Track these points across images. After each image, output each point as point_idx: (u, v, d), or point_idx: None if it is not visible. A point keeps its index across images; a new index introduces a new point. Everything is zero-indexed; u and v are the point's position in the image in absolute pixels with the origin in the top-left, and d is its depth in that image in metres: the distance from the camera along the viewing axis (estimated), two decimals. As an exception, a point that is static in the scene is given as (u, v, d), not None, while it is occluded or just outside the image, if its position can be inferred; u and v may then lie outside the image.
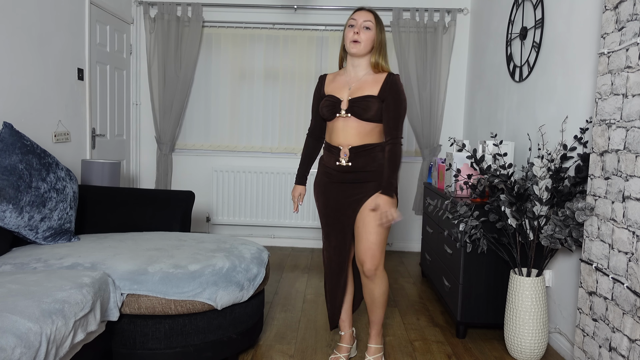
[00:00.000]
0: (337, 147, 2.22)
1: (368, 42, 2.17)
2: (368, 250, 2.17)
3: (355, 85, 2.20)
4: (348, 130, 2.18)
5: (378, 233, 2.17)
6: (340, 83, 2.25)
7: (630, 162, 1.76)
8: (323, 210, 2.32)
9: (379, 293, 2.26)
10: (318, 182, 2.34)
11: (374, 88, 2.17)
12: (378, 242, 2.17)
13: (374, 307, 2.30)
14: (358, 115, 2.15)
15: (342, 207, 2.23)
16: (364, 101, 2.15)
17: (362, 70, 2.23)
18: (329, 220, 2.30)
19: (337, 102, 2.20)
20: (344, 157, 2.19)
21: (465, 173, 2.99)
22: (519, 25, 3.28)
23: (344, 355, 2.40)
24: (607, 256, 1.89)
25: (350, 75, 2.25)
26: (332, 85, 2.28)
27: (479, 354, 2.56)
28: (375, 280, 2.22)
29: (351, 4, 4.48)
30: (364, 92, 2.17)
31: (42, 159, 2.41)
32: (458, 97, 4.59)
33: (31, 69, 3.03)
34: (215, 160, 4.70)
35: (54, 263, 2.12)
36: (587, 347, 2.01)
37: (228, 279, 2.17)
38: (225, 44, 4.59)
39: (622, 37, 1.83)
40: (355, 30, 2.15)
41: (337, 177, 2.23)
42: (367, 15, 2.17)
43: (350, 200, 2.21)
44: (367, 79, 2.21)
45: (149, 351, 2.10)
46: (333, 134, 2.23)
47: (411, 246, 4.71)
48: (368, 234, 2.17)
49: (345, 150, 2.19)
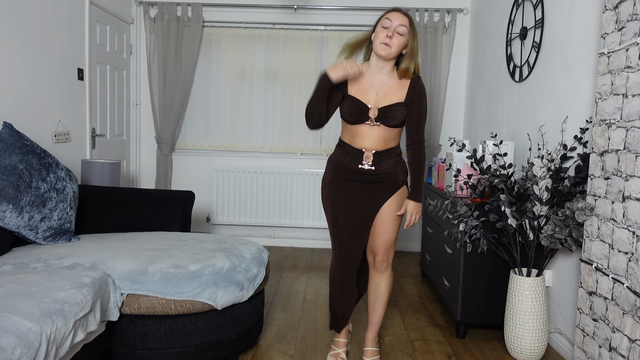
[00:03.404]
0: (359, 150, 2.20)
1: (399, 47, 2.12)
2: (383, 246, 2.27)
3: (382, 91, 2.17)
4: (375, 137, 2.18)
5: (394, 232, 2.27)
6: (365, 85, 2.18)
7: (630, 162, 1.76)
8: (335, 210, 2.26)
9: (384, 288, 2.33)
10: (330, 181, 2.28)
11: (401, 94, 2.17)
12: (393, 240, 2.29)
13: (377, 305, 2.34)
14: (387, 123, 2.15)
15: (360, 205, 2.22)
16: (393, 110, 2.14)
17: (387, 73, 2.19)
18: (342, 219, 2.24)
19: (364, 108, 2.15)
20: (366, 161, 2.19)
21: (465, 173, 2.99)
22: (519, 25, 3.28)
23: (343, 350, 2.41)
24: (607, 256, 1.89)
25: (374, 76, 2.18)
26: (356, 85, 2.19)
27: (479, 354, 2.56)
28: (385, 274, 2.32)
29: (351, 4, 4.48)
30: (392, 99, 2.16)
31: (42, 159, 2.41)
32: (458, 97, 4.60)
33: (31, 69, 3.03)
34: (215, 160, 4.70)
35: (54, 263, 2.12)
36: (587, 347, 2.01)
37: (228, 279, 2.17)
38: (225, 44, 4.59)
39: (622, 37, 1.83)
40: (389, 34, 2.08)
41: (355, 177, 2.22)
42: (402, 19, 2.10)
43: (369, 199, 2.22)
44: (393, 83, 2.18)
45: (149, 351, 2.10)
46: (357, 138, 2.20)
47: (411, 246, 4.71)
48: (384, 232, 2.25)
49: (368, 154, 2.19)
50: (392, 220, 2.24)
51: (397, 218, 2.26)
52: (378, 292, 2.33)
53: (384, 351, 2.55)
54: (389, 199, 2.23)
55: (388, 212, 2.23)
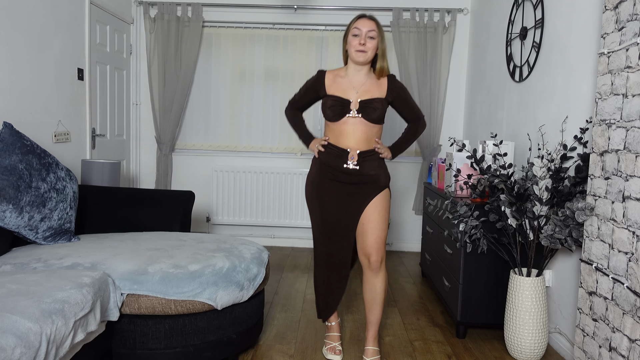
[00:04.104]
0: (344, 149, 2.30)
1: (373, 50, 2.27)
2: (374, 244, 2.32)
3: (362, 89, 2.31)
4: (358, 134, 2.29)
5: (382, 229, 2.33)
6: (344, 85, 2.32)
7: (630, 162, 1.76)
8: (321, 209, 2.36)
9: (381, 288, 2.38)
10: (316, 181, 2.38)
11: (381, 90, 2.32)
12: (383, 237, 2.34)
13: (374, 305, 2.39)
14: (367, 115, 2.26)
15: (345, 206, 2.32)
16: (374, 103, 2.27)
17: (364, 75, 2.33)
18: (328, 219, 2.35)
19: (346, 102, 2.28)
20: (351, 161, 2.29)
21: (465, 173, 2.99)
22: (519, 25, 3.28)
23: (338, 343, 2.48)
24: (607, 256, 1.89)
25: (353, 79, 2.32)
26: (334, 86, 2.33)
27: (479, 354, 2.56)
28: (380, 274, 2.36)
29: (351, 4, 4.48)
30: (372, 95, 2.30)
31: (42, 159, 2.41)
32: (458, 97, 4.59)
33: (31, 69, 3.03)
34: (215, 160, 4.70)
35: (54, 263, 2.12)
36: (587, 347, 2.01)
37: (228, 279, 2.17)
38: (225, 44, 4.59)
39: (622, 37, 1.83)
40: (361, 41, 2.23)
41: (340, 178, 2.32)
42: (370, 25, 2.25)
43: (354, 199, 2.32)
44: (372, 82, 2.33)
45: (149, 351, 2.10)
46: (341, 136, 2.31)
47: (411, 246, 4.71)
48: (373, 230, 2.31)
49: (353, 153, 2.29)
50: (379, 217, 2.32)
51: (384, 215, 2.34)
52: (375, 293, 2.38)
53: (384, 351, 2.55)
54: (373, 199, 2.32)
55: (375, 210, 2.32)
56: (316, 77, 2.39)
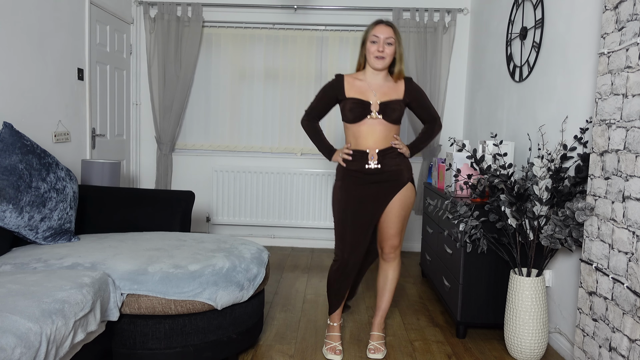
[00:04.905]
0: (364, 150, 2.37)
1: (391, 56, 2.35)
2: (390, 239, 2.46)
3: (380, 91, 2.38)
4: (377, 135, 2.36)
5: (402, 223, 2.46)
6: (362, 88, 2.38)
7: (630, 162, 1.76)
8: (344, 208, 2.39)
9: (392, 276, 2.52)
10: (342, 186, 2.42)
11: (398, 92, 2.40)
12: (402, 229, 2.48)
13: (384, 291, 2.53)
14: (387, 116, 2.34)
15: (368, 203, 2.38)
16: (393, 104, 2.36)
17: (382, 78, 2.40)
18: (349, 217, 2.38)
19: (366, 104, 2.34)
20: (372, 160, 2.37)
21: (465, 173, 2.99)
22: (519, 25, 3.28)
23: (339, 343, 2.50)
24: (607, 256, 1.89)
25: (371, 82, 2.39)
26: (353, 89, 2.39)
27: (479, 354, 2.56)
28: (393, 263, 2.51)
29: (351, 4, 4.48)
30: (391, 97, 2.38)
31: (42, 159, 2.41)
32: (458, 97, 4.60)
33: (31, 69, 3.03)
34: (215, 160, 4.70)
35: (54, 263, 2.12)
36: (587, 347, 2.01)
37: (228, 279, 2.17)
38: (225, 44, 4.59)
39: (622, 37, 1.83)
40: (380, 48, 2.30)
41: (364, 179, 2.38)
42: (388, 32, 2.32)
43: (376, 199, 2.38)
44: (389, 85, 2.41)
45: (149, 351, 2.10)
46: (360, 138, 2.37)
47: (411, 246, 4.71)
48: (393, 223, 2.43)
49: (373, 153, 2.36)
50: (397, 216, 2.42)
51: (404, 213, 2.42)
52: (386, 280, 2.52)
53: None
54: (394, 196, 2.39)
55: (394, 208, 2.40)
56: (335, 81, 2.43)
